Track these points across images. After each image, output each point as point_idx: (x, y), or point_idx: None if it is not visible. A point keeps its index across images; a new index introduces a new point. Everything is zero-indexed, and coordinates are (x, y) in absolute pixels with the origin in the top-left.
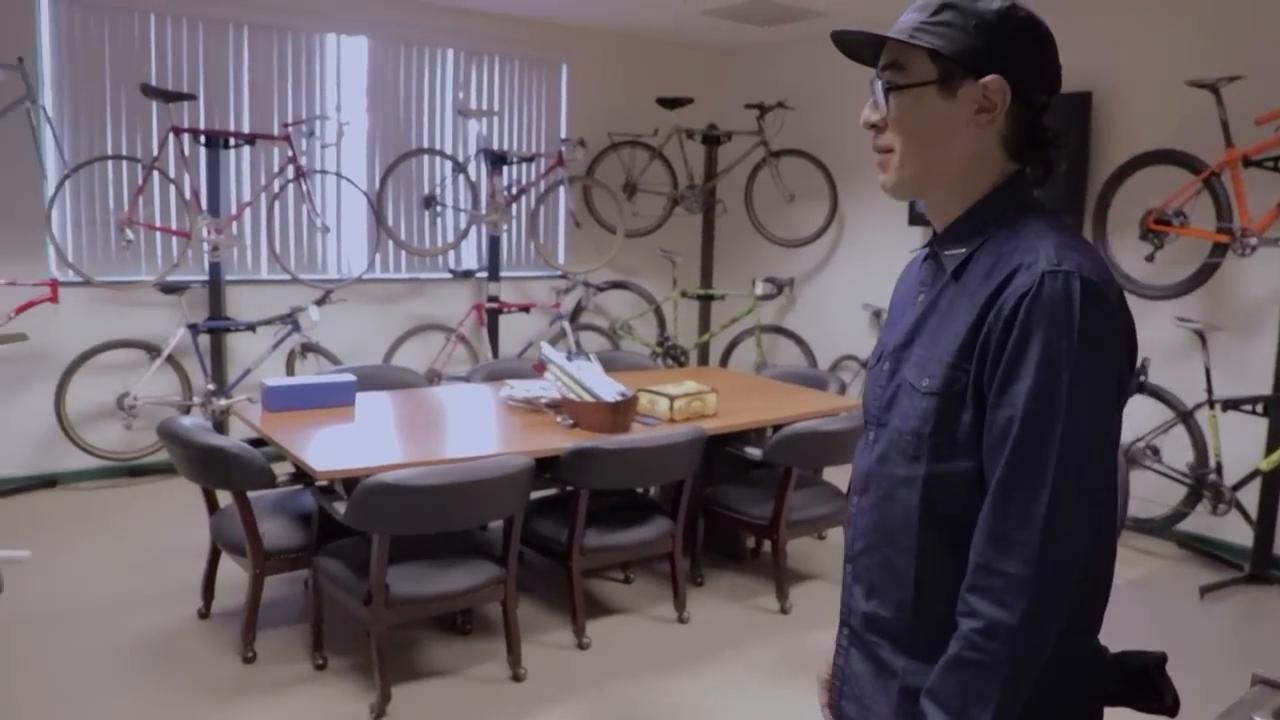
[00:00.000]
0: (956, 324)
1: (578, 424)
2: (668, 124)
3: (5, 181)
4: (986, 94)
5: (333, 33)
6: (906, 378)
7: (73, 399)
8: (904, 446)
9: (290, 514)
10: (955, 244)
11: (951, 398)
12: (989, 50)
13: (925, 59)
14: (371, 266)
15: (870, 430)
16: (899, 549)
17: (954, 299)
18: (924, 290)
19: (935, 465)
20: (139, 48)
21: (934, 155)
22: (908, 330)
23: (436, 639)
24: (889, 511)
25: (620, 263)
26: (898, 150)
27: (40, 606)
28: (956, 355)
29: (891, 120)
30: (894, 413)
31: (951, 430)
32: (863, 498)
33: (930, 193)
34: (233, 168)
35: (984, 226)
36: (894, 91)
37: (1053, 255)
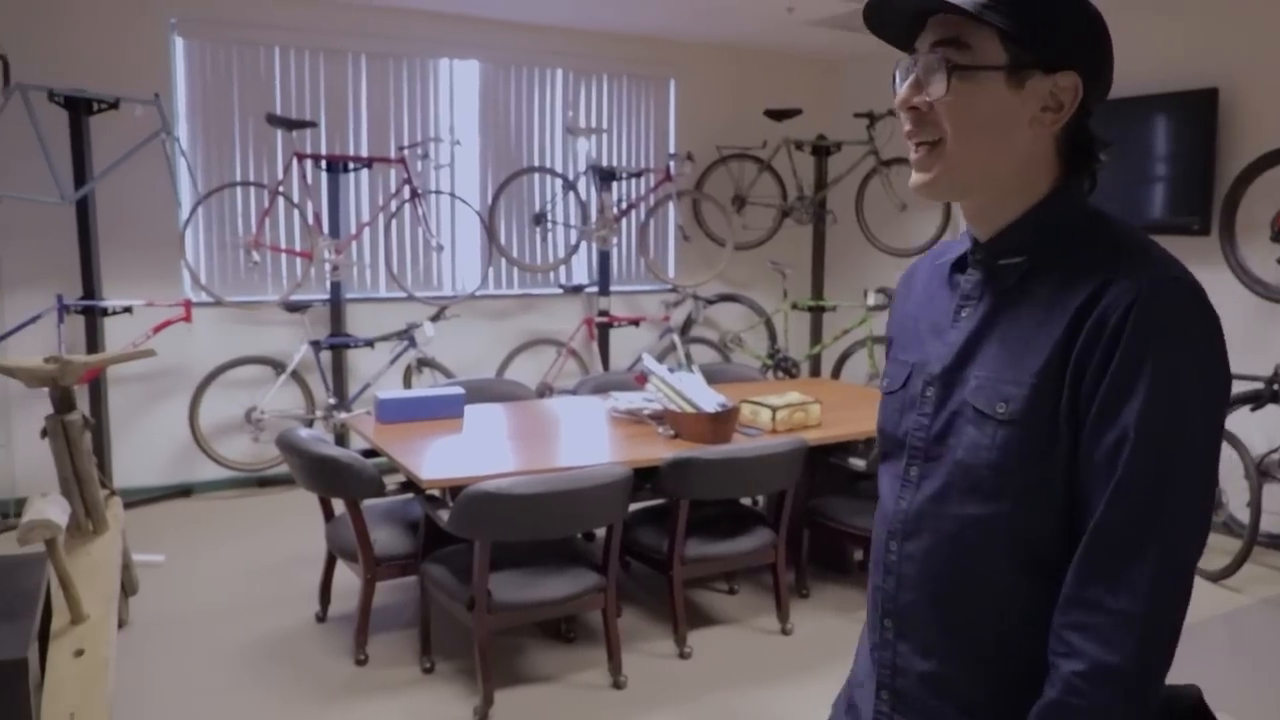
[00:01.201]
0: (1034, 340)
1: (679, 434)
2: (776, 136)
3: (144, 209)
4: (1056, 91)
5: (445, 58)
6: (969, 403)
7: (205, 413)
8: (975, 483)
9: (400, 522)
10: (1011, 252)
11: (1038, 425)
12: (1067, 42)
13: (994, 40)
14: (484, 283)
15: (912, 465)
16: (973, 599)
17: (1021, 313)
18: (969, 304)
19: (1024, 503)
20: (264, 79)
21: (991, 152)
22: (957, 350)
23: (540, 645)
24: (955, 557)
25: (730, 275)
26: (949, 141)
27: (173, 607)
28: (1040, 375)
29: (945, 105)
30: (954, 444)
31: (1043, 462)
32: (909, 543)
33: (979, 195)
34: (352, 190)
35: (1046, 233)
36: (955, 73)
37: (1158, 263)
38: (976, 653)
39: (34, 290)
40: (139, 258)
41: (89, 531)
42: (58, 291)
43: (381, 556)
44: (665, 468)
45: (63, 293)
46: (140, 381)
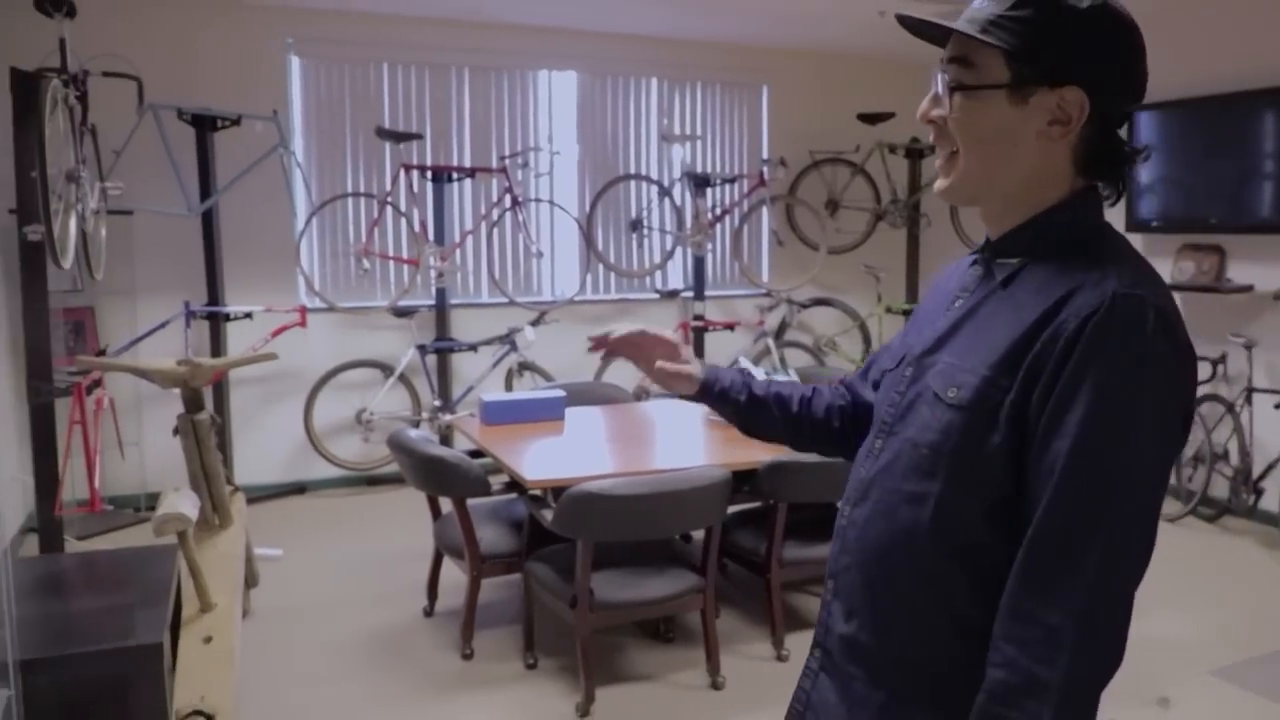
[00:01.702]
0: (998, 335)
1: None
2: (869, 140)
3: (263, 220)
4: (1062, 106)
5: (544, 69)
6: (930, 385)
7: (318, 414)
8: (917, 460)
9: (504, 521)
10: (1009, 253)
11: (982, 414)
12: (1071, 57)
13: (998, 58)
14: (582, 288)
15: (878, 438)
16: (894, 570)
17: (998, 308)
18: (963, 296)
19: (953, 487)
20: (373, 94)
21: (996, 165)
22: (938, 335)
23: (639, 645)
24: (886, 528)
25: (824, 279)
26: (960, 153)
27: (290, 599)
28: (994, 369)
29: (952, 121)
30: (909, 422)
31: (977, 452)
32: (856, 509)
33: (990, 202)
34: (455, 199)
35: (1043, 239)
36: (959, 91)
37: (1126, 277)
38: (889, 625)
39: (164, 297)
40: (258, 266)
41: (215, 525)
42: (185, 298)
43: (487, 554)
44: (763, 471)
45: (189, 299)
46: (259, 384)
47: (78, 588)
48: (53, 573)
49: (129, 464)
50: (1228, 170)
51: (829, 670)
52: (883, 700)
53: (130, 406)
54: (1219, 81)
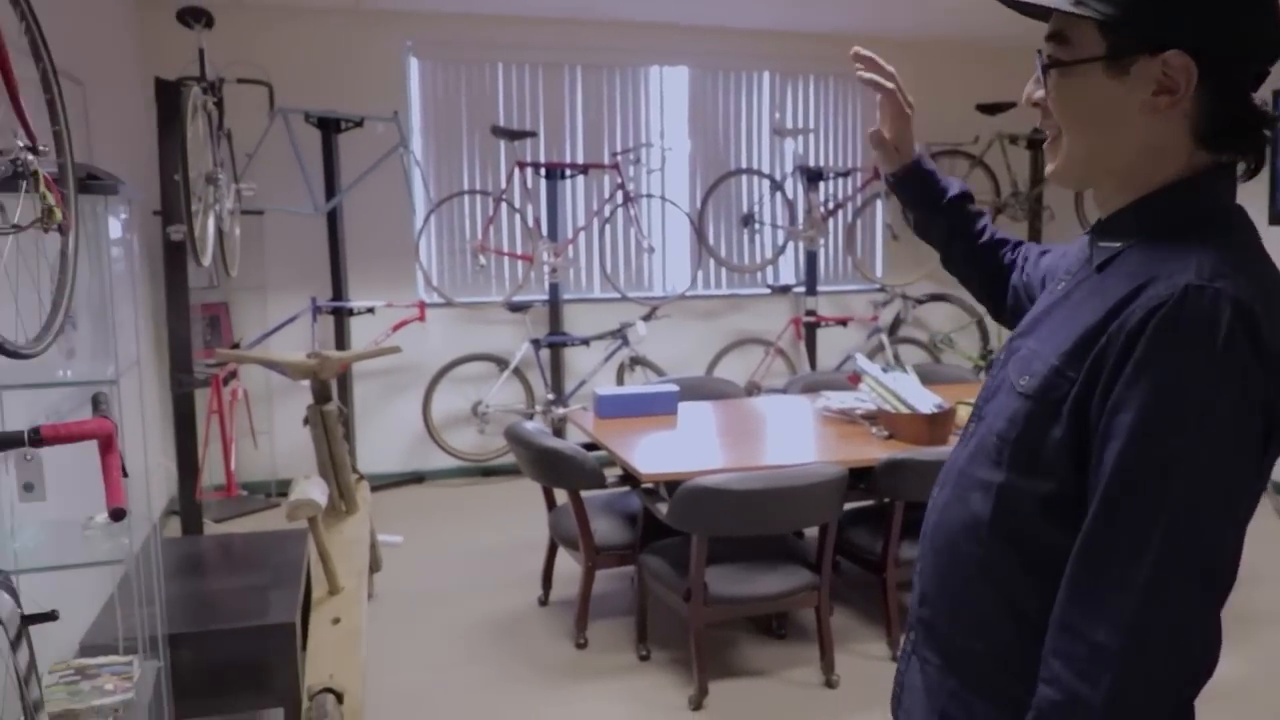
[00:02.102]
0: (1076, 323)
1: (893, 435)
2: (989, 130)
3: (384, 218)
4: (1167, 73)
5: (656, 65)
6: (1009, 372)
7: (436, 406)
8: (990, 448)
9: (618, 513)
10: (1111, 236)
11: (1046, 405)
12: (1170, 18)
13: (1092, 30)
14: (694, 283)
15: (970, 423)
16: (959, 558)
17: (1087, 295)
18: (1065, 279)
19: (1013, 476)
20: (489, 93)
21: (1101, 144)
22: (1032, 319)
23: (752, 640)
24: (957, 514)
25: (940, 274)
26: (1064, 133)
27: (410, 583)
28: (1064, 359)
29: (1051, 101)
30: (990, 408)
31: (1037, 442)
32: (939, 493)
33: (1098, 183)
34: (568, 196)
35: (1147, 222)
36: (1054, 69)
37: (1205, 268)
38: (956, 612)
39: (292, 293)
40: (379, 262)
41: (342, 511)
42: (311, 294)
43: (601, 545)
44: (880, 468)
45: (315, 295)
46: (380, 376)
47: (217, 568)
48: (194, 553)
49: (261, 452)
50: None
51: (919, 653)
52: (952, 688)
53: (262, 397)
54: None
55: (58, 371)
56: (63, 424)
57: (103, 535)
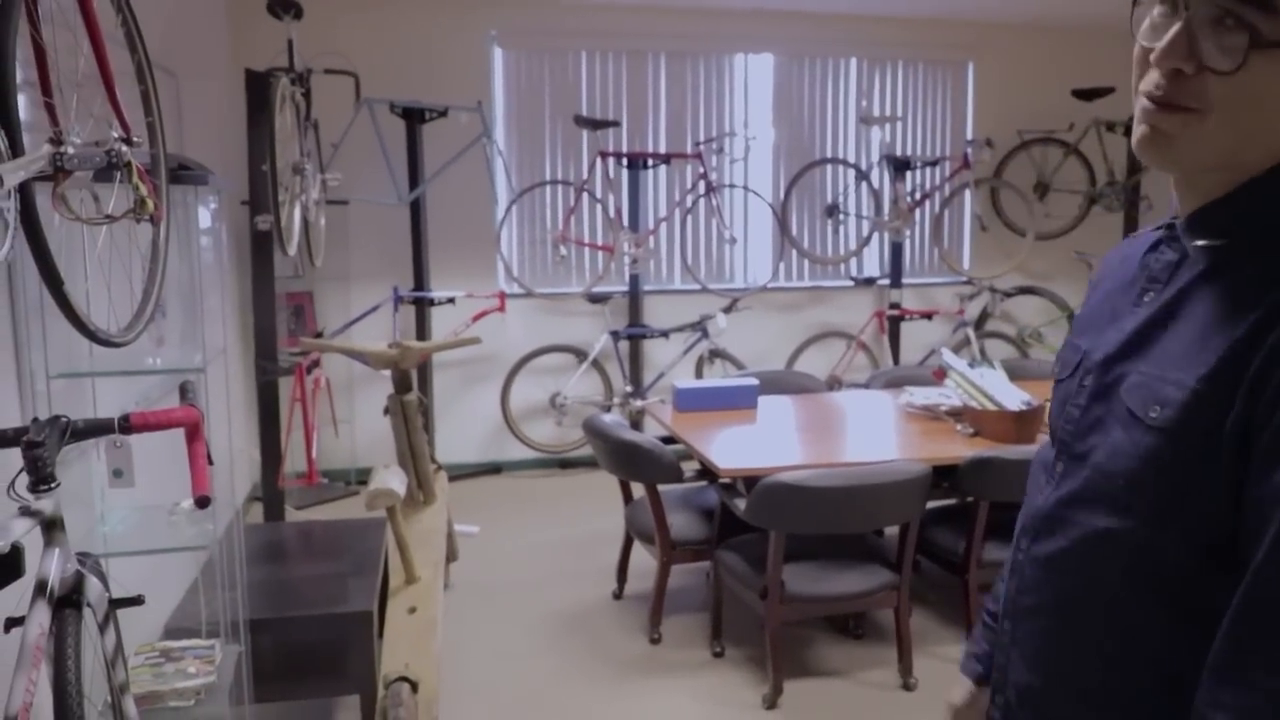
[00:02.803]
0: (1209, 337)
1: (979, 433)
2: (1085, 117)
3: (466, 208)
4: None
5: (740, 53)
6: (1123, 401)
7: (514, 397)
8: (1112, 492)
9: (695, 508)
10: (1211, 232)
11: (1192, 437)
12: None
13: None
14: (775, 275)
15: (1059, 460)
16: (1084, 618)
17: (1205, 303)
18: (1154, 288)
19: (1158, 525)
20: (571, 83)
21: (1255, 139)
22: (1126, 337)
23: (828, 639)
24: (1074, 568)
25: (1030, 267)
26: (1212, 119)
27: (486, 574)
28: (1208, 381)
29: (1229, 80)
30: (1097, 445)
31: (1190, 484)
32: (1038, 544)
33: (1212, 172)
34: (650, 186)
35: (1257, 211)
36: (1257, 48)
37: None
38: (1079, 679)
39: (374, 283)
40: (461, 253)
41: (420, 501)
42: (394, 284)
43: (677, 540)
44: (965, 467)
45: (398, 284)
46: (459, 366)
47: (298, 555)
48: (276, 540)
49: (341, 440)
50: None
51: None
52: None
53: (343, 386)
54: None
55: (147, 359)
56: (151, 412)
57: (187, 521)
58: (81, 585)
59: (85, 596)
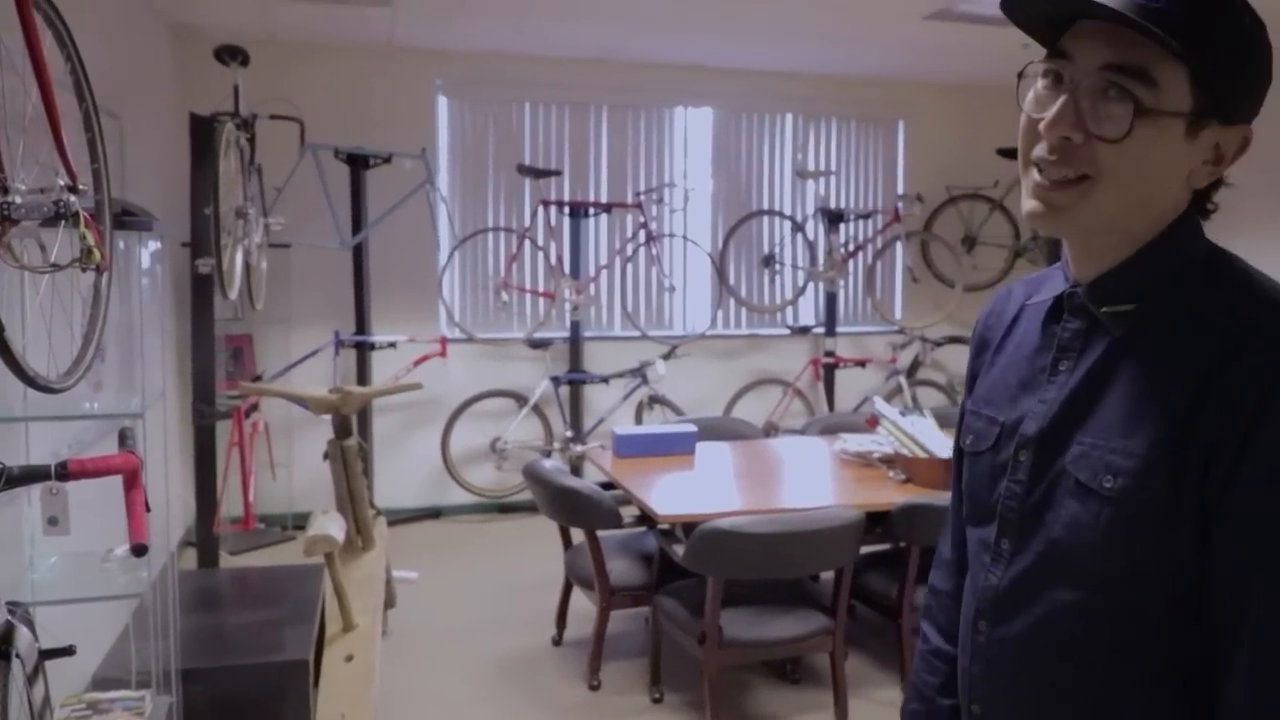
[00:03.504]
0: (1151, 402)
1: (911, 479)
2: (1009, 174)
3: (409, 254)
4: (1222, 145)
5: (681, 106)
6: (1073, 474)
7: (455, 442)
8: (1076, 565)
9: (634, 553)
10: (1118, 298)
11: (1150, 501)
12: (1250, 93)
13: (1184, 80)
14: (714, 323)
15: (1004, 537)
16: (1061, 692)
17: (1135, 369)
18: (1068, 357)
19: (1129, 589)
20: (515, 132)
21: (1142, 202)
22: (1057, 409)
23: (766, 684)
24: (1047, 644)
25: (960, 317)
26: (1101, 183)
27: (424, 621)
28: (1159, 449)
29: (1115, 148)
30: (1051, 519)
31: (1156, 547)
32: (1001, 625)
33: (1103, 237)
34: (591, 234)
35: (1157, 275)
36: (1141, 116)
37: None
38: None
39: (315, 326)
40: (403, 297)
41: (358, 547)
42: (335, 328)
43: (616, 586)
44: (896, 513)
45: (339, 329)
46: (400, 410)
47: (232, 602)
48: (210, 587)
49: (279, 484)
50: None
51: None
52: None
53: (282, 429)
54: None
55: (84, 403)
56: (90, 459)
57: (120, 568)
58: (10, 636)
59: (14, 647)
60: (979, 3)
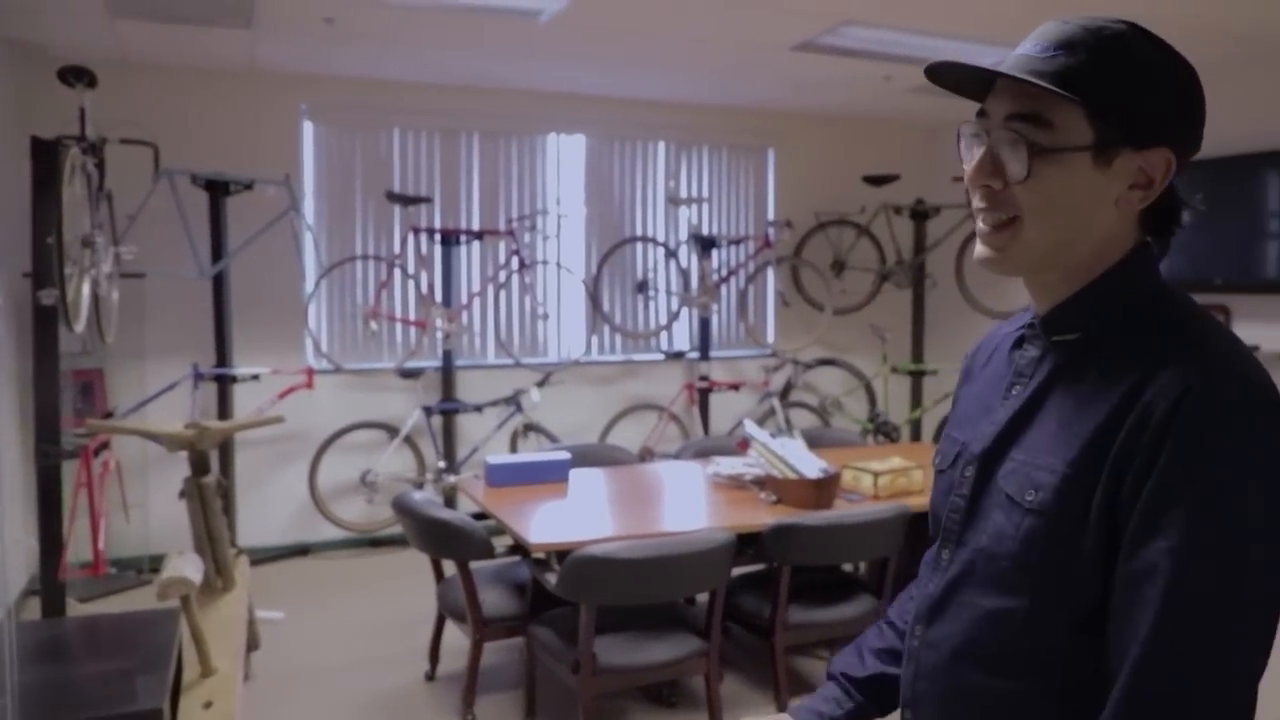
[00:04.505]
0: (1075, 427)
1: (781, 500)
2: (875, 201)
3: (273, 283)
4: (1146, 168)
5: (553, 133)
6: (1003, 489)
7: (323, 475)
8: (996, 574)
9: (508, 584)
10: (1065, 328)
11: (1067, 519)
12: (1158, 116)
13: (1080, 117)
14: (588, 350)
15: (945, 548)
16: (982, 697)
17: (1066, 395)
18: (1021, 381)
19: (1041, 601)
20: (384, 159)
21: (1068, 235)
22: (1000, 429)
23: (642, 709)
24: (968, 651)
25: (829, 340)
26: (1025, 223)
27: (291, 662)
28: (1075, 465)
29: (1025, 188)
30: (981, 530)
31: (1068, 558)
32: (930, 629)
33: (1046, 273)
34: (463, 262)
35: (1104, 308)
36: (1039, 156)
37: (1214, 349)
38: None
39: (173, 359)
40: (267, 328)
41: (219, 589)
42: (194, 360)
43: (490, 617)
44: (767, 534)
45: (198, 361)
46: (264, 445)
47: (79, 652)
48: (54, 637)
49: (133, 526)
50: (1233, 231)
51: None
52: None
53: (136, 468)
54: (1225, 144)
55: None
56: None
57: None
58: None
59: None
60: (843, 36)
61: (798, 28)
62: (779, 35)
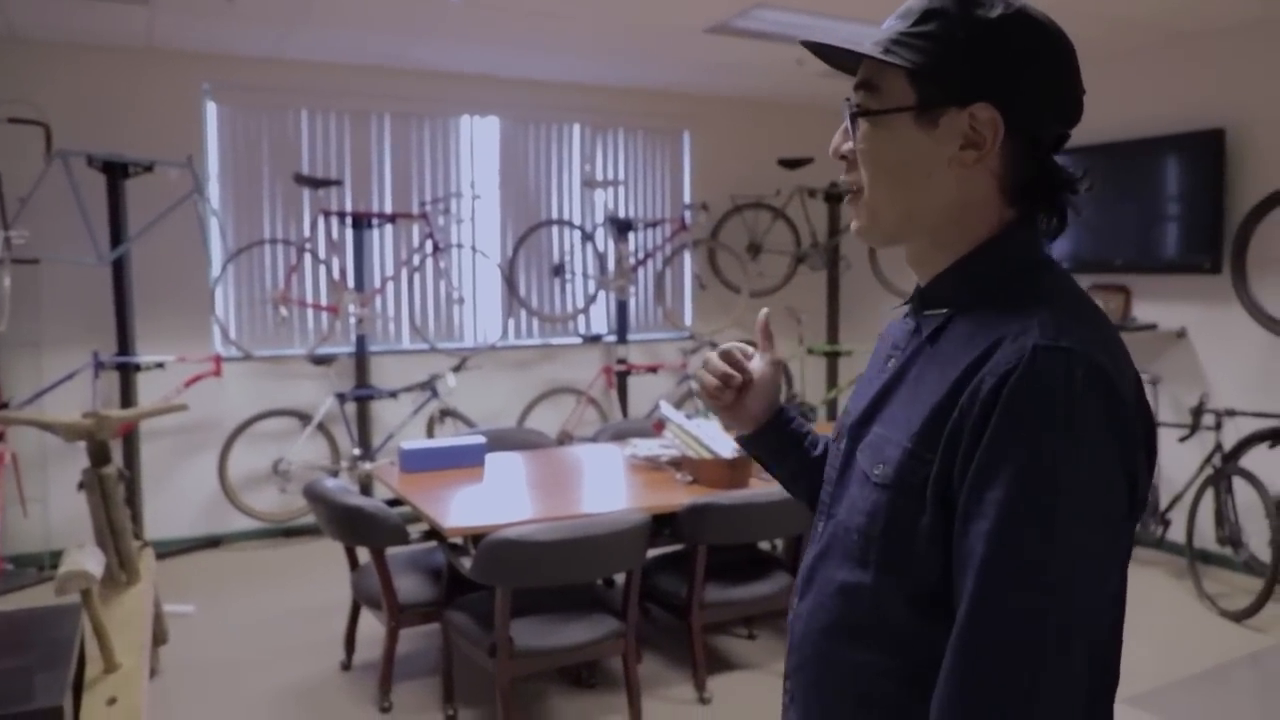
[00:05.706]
0: (922, 401)
1: (696, 480)
2: (789, 184)
3: (176, 268)
4: (973, 125)
5: (466, 115)
6: (859, 462)
7: (234, 465)
8: (849, 546)
9: (424, 570)
10: (936, 303)
11: (908, 492)
12: (979, 71)
13: (902, 79)
14: (505, 334)
15: (819, 521)
16: (835, 671)
17: (924, 369)
18: (895, 355)
19: (882, 575)
20: (291, 140)
21: (911, 197)
22: (869, 404)
23: (561, 691)
24: (824, 623)
25: (746, 322)
26: (866, 189)
27: (202, 656)
28: (916, 440)
29: (859, 151)
30: (842, 503)
31: (908, 534)
32: (801, 602)
33: (911, 240)
34: (376, 246)
35: (971, 284)
36: (862, 118)
37: (1050, 327)
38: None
39: (71, 348)
40: (171, 315)
41: (122, 582)
42: (94, 349)
43: (405, 604)
44: (683, 513)
45: (99, 350)
46: (171, 435)
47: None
48: None
49: (32, 521)
50: (1133, 214)
51: None
52: None
53: (34, 461)
54: (1125, 129)
55: None
56: None
57: None
58: None
59: None
60: (755, 19)
61: (710, 10)
62: (692, 17)
